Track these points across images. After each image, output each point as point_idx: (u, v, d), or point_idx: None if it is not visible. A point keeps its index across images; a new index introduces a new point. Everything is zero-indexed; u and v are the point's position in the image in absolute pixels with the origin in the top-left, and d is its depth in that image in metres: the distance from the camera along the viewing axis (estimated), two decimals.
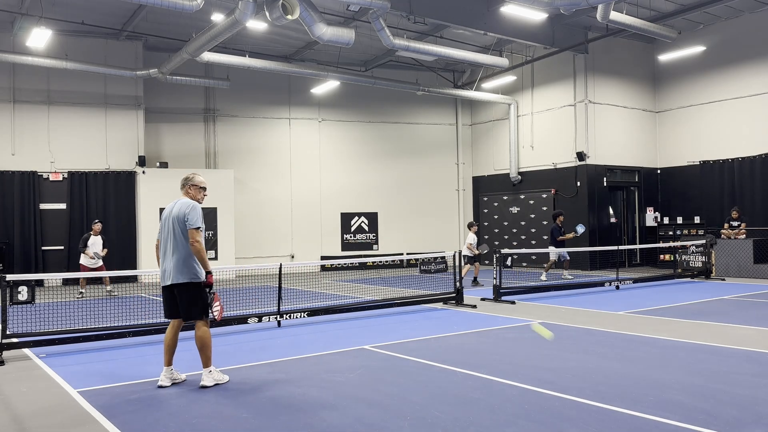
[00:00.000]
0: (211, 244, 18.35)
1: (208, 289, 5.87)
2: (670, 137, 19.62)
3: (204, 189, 6.09)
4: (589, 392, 5.47)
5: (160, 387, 5.88)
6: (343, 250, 20.98)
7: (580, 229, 16.04)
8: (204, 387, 5.83)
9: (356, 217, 21.37)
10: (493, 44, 18.80)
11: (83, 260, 13.79)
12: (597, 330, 8.67)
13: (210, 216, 18.31)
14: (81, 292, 13.76)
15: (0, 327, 7.33)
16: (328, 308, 10.28)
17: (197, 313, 5.88)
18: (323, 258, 20.35)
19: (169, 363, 5.99)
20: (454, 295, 11.40)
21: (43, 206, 17.03)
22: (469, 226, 15.86)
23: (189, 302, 5.87)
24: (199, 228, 5.77)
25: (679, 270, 16.15)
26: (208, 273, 5.87)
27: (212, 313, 5.86)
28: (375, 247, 21.47)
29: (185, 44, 14.93)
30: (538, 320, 9.28)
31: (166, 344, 6.00)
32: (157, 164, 18.21)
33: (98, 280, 14.53)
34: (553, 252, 15.63)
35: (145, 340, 8.27)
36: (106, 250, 14.02)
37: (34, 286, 7.83)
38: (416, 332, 8.72)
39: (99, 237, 13.91)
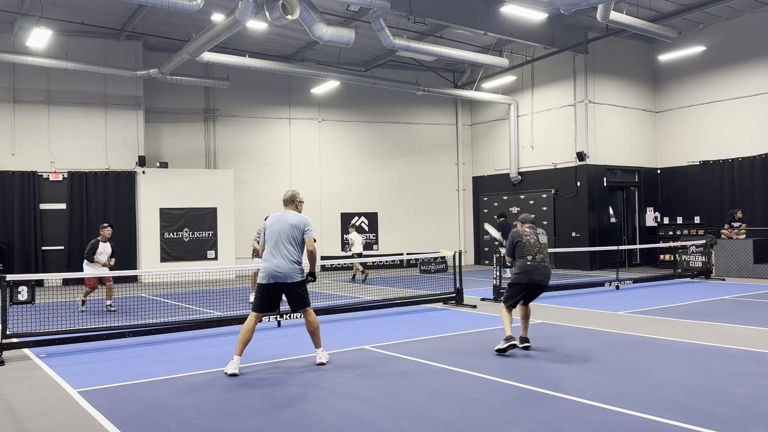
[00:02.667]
0: (211, 244, 18.36)
1: (311, 280, 6.87)
2: (670, 137, 19.62)
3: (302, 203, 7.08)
4: (589, 392, 5.47)
5: (232, 375, 6.33)
6: (343, 250, 20.97)
7: (491, 231, 16.84)
8: (321, 364, 6.73)
9: (356, 217, 21.37)
10: (493, 44, 18.80)
11: (88, 269, 11.38)
12: (597, 330, 8.67)
13: (210, 216, 18.33)
14: (83, 301, 11.42)
15: (0, 327, 7.33)
16: (328, 308, 10.27)
17: (307, 302, 6.84)
18: (323, 258, 20.32)
19: (240, 353, 6.52)
20: (454, 295, 11.39)
21: (43, 206, 17.03)
22: (352, 227, 18.60)
23: (301, 295, 6.79)
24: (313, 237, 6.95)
25: (679, 270, 16.16)
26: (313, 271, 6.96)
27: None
28: (375, 247, 21.47)
29: (185, 44, 14.93)
30: (539, 320, 9.28)
31: (246, 336, 6.57)
32: (157, 164, 18.21)
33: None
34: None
35: (145, 340, 8.28)
36: (113, 260, 11.68)
37: (34, 286, 7.83)
38: (416, 332, 8.72)
39: (108, 244, 11.61)
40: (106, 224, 11.91)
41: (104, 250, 11.55)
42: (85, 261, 11.48)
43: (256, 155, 20.15)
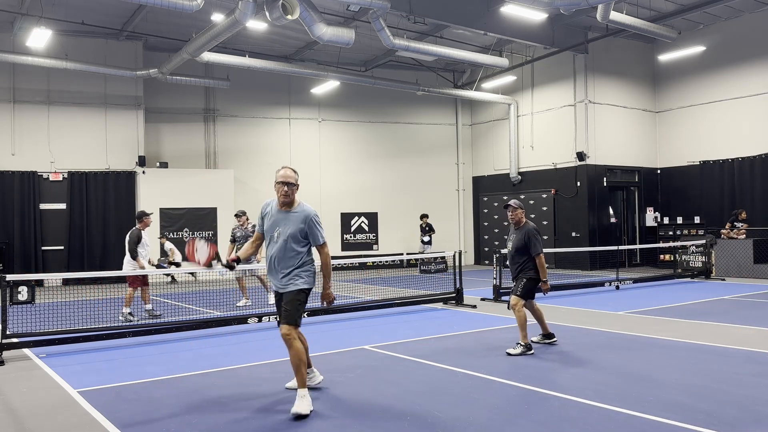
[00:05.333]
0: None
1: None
2: (670, 137, 19.62)
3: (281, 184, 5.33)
4: (589, 392, 5.47)
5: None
6: (343, 250, 20.98)
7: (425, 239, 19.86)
8: (299, 417, 5.05)
9: (356, 217, 21.37)
10: (493, 44, 18.80)
11: (129, 266, 10.07)
12: (597, 330, 8.67)
13: (210, 216, 18.32)
14: (130, 313, 10.09)
15: (0, 327, 7.33)
16: (328, 308, 10.27)
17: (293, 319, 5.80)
18: None
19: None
20: (454, 295, 11.39)
21: (43, 206, 17.02)
22: (163, 237, 16.63)
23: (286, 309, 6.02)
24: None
25: (679, 270, 16.16)
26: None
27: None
28: (375, 247, 21.47)
29: (185, 44, 14.93)
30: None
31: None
32: (157, 164, 18.21)
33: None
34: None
35: (145, 340, 8.28)
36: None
37: (34, 286, 7.84)
38: (416, 332, 8.72)
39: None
40: (148, 212, 10.69)
41: (147, 243, 10.33)
42: (127, 257, 10.16)
43: (256, 155, 20.15)
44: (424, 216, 20.14)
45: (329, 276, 5.34)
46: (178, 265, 14.13)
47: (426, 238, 19.97)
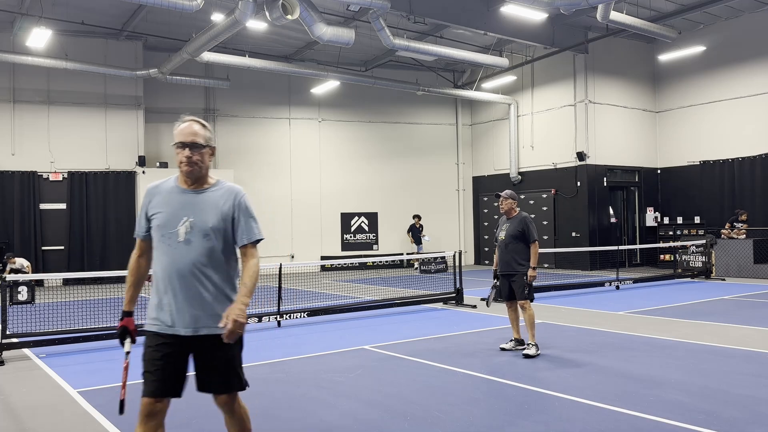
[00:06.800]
0: None
1: None
2: (670, 137, 19.62)
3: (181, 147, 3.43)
4: (589, 392, 5.47)
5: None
6: (343, 250, 20.98)
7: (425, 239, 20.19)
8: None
9: (356, 217, 21.37)
10: (493, 44, 18.79)
11: None
12: (597, 330, 8.67)
13: None
14: None
15: (0, 327, 7.33)
16: (328, 308, 10.27)
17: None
18: (323, 258, 20.35)
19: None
20: (454, 295, 11.39)
21: (43, 206, 17.02)
22: (9, 257, 14.07)
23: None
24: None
25: (679, 270, 16.15)
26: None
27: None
28: (375, 247, 21.47)
29: (185, 44, 14.93)
30: (538, 320, 9.26)
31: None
32: (157, 164, 18.20)
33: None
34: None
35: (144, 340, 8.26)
36: None
37: (34, 286, 7.84)
38: (416, 332, 8.72)
39: None
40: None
41: None
42: None
43: (256, 155, 20.15)
44: (417, 216, 20.27)
45: (251, 293, 3.24)
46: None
47: (426, 237, 20.00)
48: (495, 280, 7.52)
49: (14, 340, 7.50)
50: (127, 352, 3.51)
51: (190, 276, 3.18)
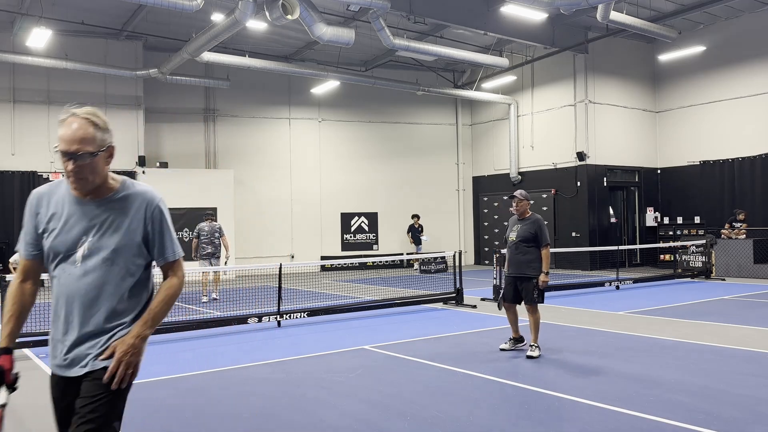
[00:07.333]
0: None
1: None
2: (670, 137, 19.62)
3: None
4: (589, 392, 5.47)
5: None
6: (343, 250, 20.98)
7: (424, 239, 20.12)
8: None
9: (356, 217, 21.37)
10: (493, 44, 18.79)
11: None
12: (597, 330, 8.67)
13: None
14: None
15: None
16: (328, 308, 10.27)
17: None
18: (323, 258, 20.35)
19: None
20: (454, 295, 11.40)
21: None
22: None
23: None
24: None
25: (679, 270, 16.15)
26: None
27: None
28: (375, 247, 21.47)
29: (185, 44, 14.93)
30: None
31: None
32: (157, 164, 18.21)
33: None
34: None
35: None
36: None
37: None
38: (416, 332, 8.72)
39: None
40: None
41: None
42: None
43: (256, 155, 20.15)
44: (416, 216, 20.19)
45: (155, 321, 2.63)
46: None
47: (425, 237, 19.95)
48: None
49: None
50: (2, 405, 2.52)
51: (81, 305, 2.52)
